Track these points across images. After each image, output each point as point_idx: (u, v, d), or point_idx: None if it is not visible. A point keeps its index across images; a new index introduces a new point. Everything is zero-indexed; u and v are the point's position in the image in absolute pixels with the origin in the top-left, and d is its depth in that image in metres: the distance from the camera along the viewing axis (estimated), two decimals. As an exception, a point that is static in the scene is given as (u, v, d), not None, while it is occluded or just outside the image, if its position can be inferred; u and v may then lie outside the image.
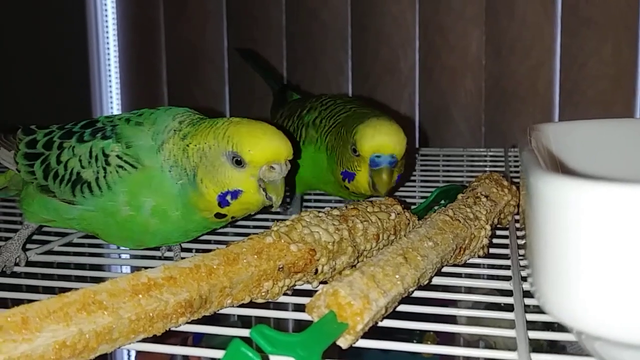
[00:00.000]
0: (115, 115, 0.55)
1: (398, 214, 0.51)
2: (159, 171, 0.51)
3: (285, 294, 0.48)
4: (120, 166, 0.51)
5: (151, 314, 0.37)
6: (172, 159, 0.51)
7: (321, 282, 0.47)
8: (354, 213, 0.49)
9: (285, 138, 0.50)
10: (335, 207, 0.50)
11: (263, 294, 0.43)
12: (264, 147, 0.49)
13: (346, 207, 0.50)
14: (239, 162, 0.49)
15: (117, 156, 0.51)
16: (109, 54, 1.20)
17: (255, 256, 0.42)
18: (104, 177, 0.51)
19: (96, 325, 0.35)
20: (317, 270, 0.45)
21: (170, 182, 0.51)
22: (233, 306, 0.43)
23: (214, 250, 0.42)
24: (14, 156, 0.58)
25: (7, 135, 0.60)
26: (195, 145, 0.50)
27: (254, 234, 0.45)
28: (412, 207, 0.61)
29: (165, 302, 0.37)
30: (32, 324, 0.33)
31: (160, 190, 0.51)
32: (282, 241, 0.44)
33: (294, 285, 0.46)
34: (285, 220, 0.47)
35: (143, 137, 0.52)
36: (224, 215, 0.51)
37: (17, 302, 0.46)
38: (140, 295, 0.37)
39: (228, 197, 0.50)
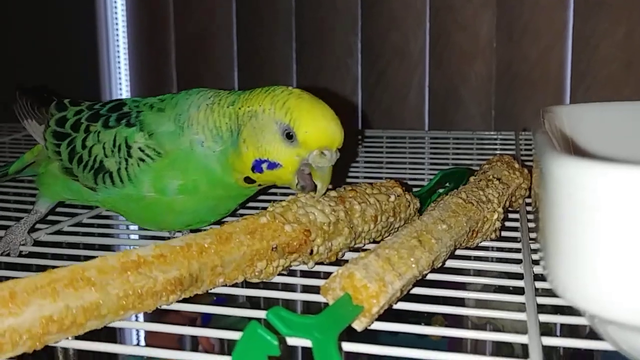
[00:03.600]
0: (142, 99, 0.55)
1: (398, 196, 0.51)
2: (184, 151, 0.50)
3: (293, 276, 0.48)
4: (141, 159, 0.51)
5: (140, 291, 0.37)
6: (209, 130, 0.49)
7: (317, 263, 0.47)
8: (352, 195, 0.49)
9: (340, 124, 0.48)
10: (333, 189, 0.50)
11: (257, 273, 0.43)
12: (322, 131, 0.46)
13: (344, 188, 0.50)
14: (290, 137, 0.47)
15: (139, 148, 0.51)
16: (117, 34, 1.20)
17: (248, 236, 0.42)
18: (125, 168, 0.51)
19: (83, 300, 0.35)
20: (312, 250, 0.45)
21: (200, 157, 0.50)
22: (226, 285, 0.43)
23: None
24: (43, 131, 0.58)
25: (40, 107, 0.60)
26: (249, 108, 0.48)
27: (249, 214, 0.45)
28: (415, 190, 0.60)
29: (154, 280, 0.38)
30: (19, 298, 0.34)
31: (188, 168, 0.50)
32: (277, 222, 0.44)
33: (290, 265, 0.46)
34: (281, 201, 0.47)
35: (165, 123, 0.51)
36: (253, 182, 0.50)
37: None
38: (129, 273, 0.37)
39: (264, 165, 0.48)
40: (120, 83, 1.21)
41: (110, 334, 0.39)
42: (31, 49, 1.24)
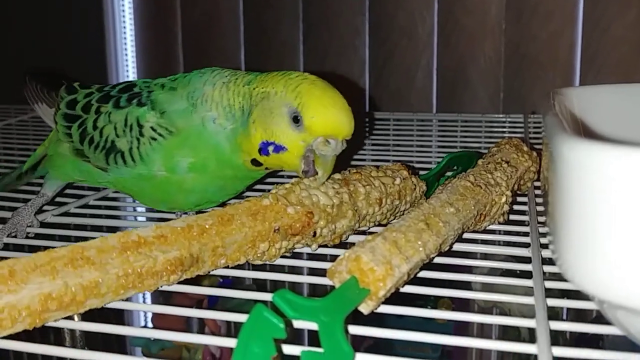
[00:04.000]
0: (153, 80, 0.55)
1: (404, 179, 0.51)
2: (196, 129, 0.50)
3: (300, 258, 0.48)
4: (153, 138, 0.51)
5: (139, 270, 0.37)
6: (223, 107, 0.49)
7: (322, 246, 0.47)
8: (357, 177, 0.49)
9: (352, 116, 0.47)
10: (337, 172, 0.49)
11: (259, 255, 0.43)
12: (328, 118, 0.46)
13: (349, 171, 0.50)
14: (296, 121, 0.46)
15: (151, 127, 0.51)
16: (124, 15, 1.19)
17: (250, 217, 0.42)
18: (137, 148, 0.51)
19: (82, 279, 0.35)
20: (315, 233, 0.45)
21: (211, 134, 0.50)
22: (228, 267, 0.43)
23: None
24: (54, 114, 0.58)
25: (50, 91, 0.61)
26: (263, 89, 0.48)
27: (253, 197, 0.45)
28: (422, 173, 0.60)
29: (154, 259, 0.38)
30: (18, 276, 0.34)
31: (198, 146, 0.50)
32: (280, 204, 0.44)
33: (293, 248, 0.45)
34: (285, 183, 0.46)
35: (177, 101, 0.51)
36: (260, 164, 0.50)
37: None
38: (129, 252, 0.37)
39: (270, 148, 0.48)
40: (127, 67, 1.21)
41: (117, 316, 0.39)
42: (38, 33, 1.23)
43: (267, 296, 0.40)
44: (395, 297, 0.39)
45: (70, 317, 0.40)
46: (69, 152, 0.56)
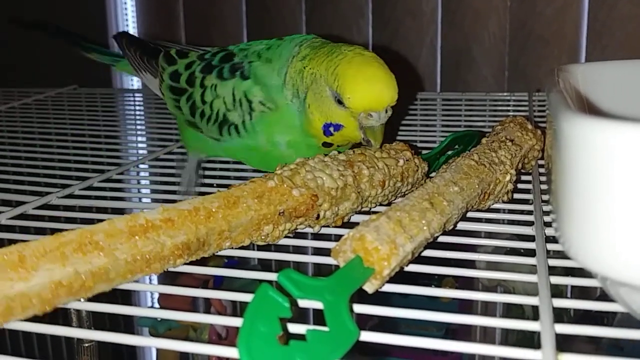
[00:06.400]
0: (248, 46, 0.57)
1: (407, 160, 0.51)
2: (288, 107, 0.53)
3: (304, 238, 0.48)
4: (263, 111, 0.54)
5: (147, 256, 0.37)
6: (291, 84, 0.52)
7: (325, 225, 0.47)
8: (361, 158, 0.49)
9: (391, 83, 0.49)
10: (341, 152, 0.50)
11: (263, 237, 0.43)
12: (363, 95, 0.48)
13: (354, 152, 0.50)
14: (340, 102, 0.49)
15: (260, 102, 0.53)
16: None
17: (256, 200, 0.42)
18: (250, 120, 0.54)
19: (92, 265, 0.35)
20: (319, 215, 0.45)
21: (295, 114, 0.53)
22: (233, 248, 0.43)
23: (215, 192, 0.42)
24: (159, 85, 0.61)
25: (150, 59, 0.63)
26: (311, 69, 0.51)
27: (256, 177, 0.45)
28: (424, 152, 0.59)
29: (162, 245, 0.38)
30: (28, 262, 0.33)
31: (291, 125, 0.53)
32: (285, 185, 0.43)
33: (296, 228, 0.46)
34: (289, 164, 0.47)
35: (273, 77, 0.53)
36: (330, 144, 0.53)
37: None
38: (137, 237, 0.37)
39: (331, 129, 0.51)
40: (127, 25, 1.20)
41: (125, 297, 0.39)
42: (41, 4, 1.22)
43: (272, 276, 0.40)
44: (400, 276, 0.39)
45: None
46: (183, 122, 0.59)
